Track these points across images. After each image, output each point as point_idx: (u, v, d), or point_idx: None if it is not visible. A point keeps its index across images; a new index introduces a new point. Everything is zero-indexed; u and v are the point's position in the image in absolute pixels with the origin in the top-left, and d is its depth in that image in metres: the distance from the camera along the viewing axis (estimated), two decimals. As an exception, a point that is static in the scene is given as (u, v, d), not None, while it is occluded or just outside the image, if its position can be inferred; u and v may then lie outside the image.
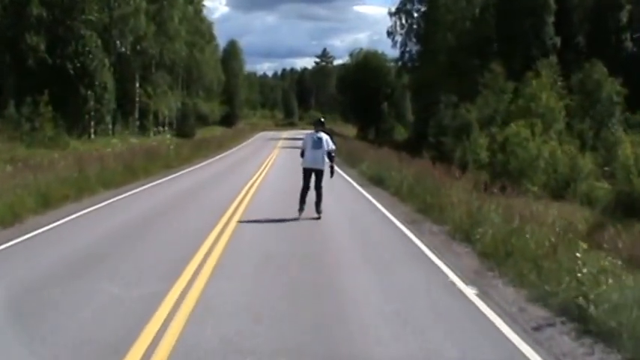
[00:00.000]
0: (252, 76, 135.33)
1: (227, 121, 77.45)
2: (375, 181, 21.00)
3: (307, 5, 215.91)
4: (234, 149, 44.93)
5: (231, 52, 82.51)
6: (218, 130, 62.81)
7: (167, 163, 28.11)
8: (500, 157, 33.01)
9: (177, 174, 25.05)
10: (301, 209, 12.77)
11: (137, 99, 47.84)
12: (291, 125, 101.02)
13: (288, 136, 59.98)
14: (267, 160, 32.96)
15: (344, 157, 33.62)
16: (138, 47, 47.42)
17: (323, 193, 13.10)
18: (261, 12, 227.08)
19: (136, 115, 47.80)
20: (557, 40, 53.43)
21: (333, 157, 13.18)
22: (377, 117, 73.35)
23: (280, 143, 51.10)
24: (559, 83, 40.07)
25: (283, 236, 11.23)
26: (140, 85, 48.42)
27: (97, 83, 36.64)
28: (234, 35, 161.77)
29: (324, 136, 12.88)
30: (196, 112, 69.42)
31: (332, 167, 13.18)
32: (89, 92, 36.33)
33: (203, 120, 72.75)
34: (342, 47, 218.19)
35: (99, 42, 38.11)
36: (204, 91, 70.27)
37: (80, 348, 5.42)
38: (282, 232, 11.66)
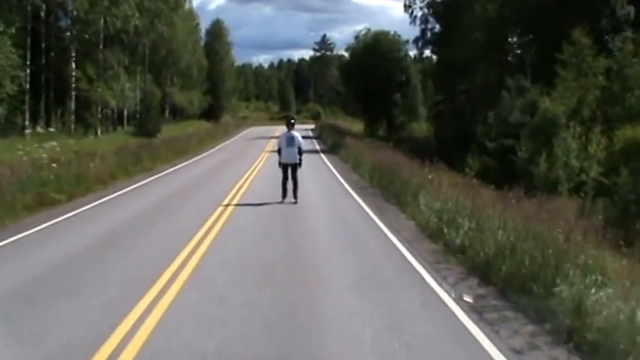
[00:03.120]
0: (247, 67, 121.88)
1: (210, 114, 63.15)
2: (502, 290, 6.98)
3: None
4: (201, 156, 30.89)
5: (216, 33, 67.57)
6: (194, 126, 48.75)
7: (42, 197, 14.17)
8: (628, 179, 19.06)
9: (13, 237, 10.93)
10: (284, 196, 14.41)
11: (73, 84, 33.71)
12: (287, 119, 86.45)
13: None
14: (241, 182, 19.04)
15: (368, 177, 19.67)
16: (74, 12, 33.42)
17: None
18: (257, 3, 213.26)
19: (72, 107, 33.69)
20: (631, 10, 39.15)
21: (302, 151, 14.88)
22: (388, 110, 59.32)
23: (271, 145, 37.17)
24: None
25: None
26: (78, 66, 34.28)
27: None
28: (230, 27, 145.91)
29: (296, 135, 14.84)
30: (170, 103, 55.38)
31: (300, 160, 14.71)
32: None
33: (180, 113, 58.67)
34: (341, 39, 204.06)
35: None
36: (179, 78, 56.17)
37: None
38: None
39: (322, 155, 31.76)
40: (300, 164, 14.69)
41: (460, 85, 50.00)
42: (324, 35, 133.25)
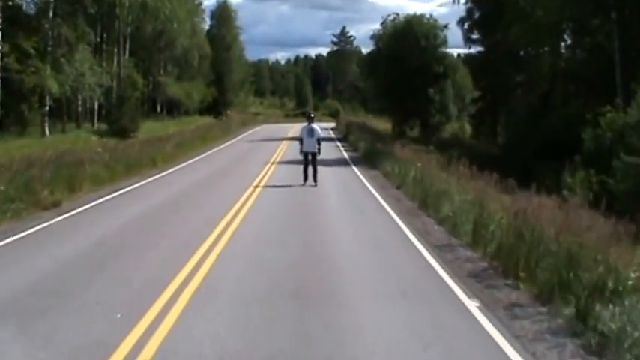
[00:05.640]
0: (263, 62, 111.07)
1: (215, 109, 52.06)
2: None
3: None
4: (169, 171, 19.52)
5: (222, 16, 56.14)
6: (187, 124, 37.83)
7: None
8: None
9: None
10: (305, 179, 15.82)
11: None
12: (304, 115, 74.58)
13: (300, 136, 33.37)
14: (206, 244, 7.82)
15: (471, 239, 8.10)
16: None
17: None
18: (274, 1, 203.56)
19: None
20: None
21: (320, 142, 16.27)
22: (423, 107, 47.72)
23: (282, 150, 26.11)
24: None
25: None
26: (7, 38, 23.44)
27: None
28: (247, 25, 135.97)
29: (315, 127, 16.33)
30: (164, 96, 44.44)
31: (319, 149, 16.14)
32: None
33: (177, 108, 47.69)
34: (357, 38, 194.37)
35: None
36: (175, 66, 45.20)
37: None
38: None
39: (355, 170, 20.52)
40: (319, 152, 16.16)
41: (516, 76, 39.26)
42: (344, 27, 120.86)
